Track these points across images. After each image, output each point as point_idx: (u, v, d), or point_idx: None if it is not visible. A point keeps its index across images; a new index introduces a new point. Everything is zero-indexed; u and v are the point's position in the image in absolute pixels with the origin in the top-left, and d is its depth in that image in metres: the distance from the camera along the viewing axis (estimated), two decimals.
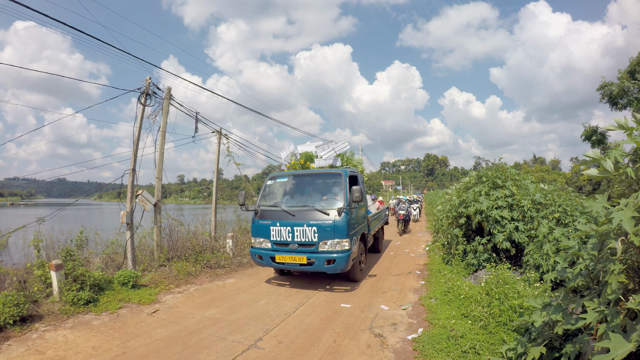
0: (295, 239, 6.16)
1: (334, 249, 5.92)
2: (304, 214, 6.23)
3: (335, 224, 5.93)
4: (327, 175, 7.12)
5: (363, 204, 7.36)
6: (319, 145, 8.68)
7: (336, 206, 6.14)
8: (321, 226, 5.98)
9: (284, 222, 6.26)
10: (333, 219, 5.95)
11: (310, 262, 5.97)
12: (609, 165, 2.03)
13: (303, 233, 6.09)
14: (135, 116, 7.50)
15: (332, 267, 5.87)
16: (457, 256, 7.07)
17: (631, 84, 17.15)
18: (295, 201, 6.86)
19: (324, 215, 6.02)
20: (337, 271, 5.94)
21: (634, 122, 2.09)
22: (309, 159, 8.62)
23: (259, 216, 6.64)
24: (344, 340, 4.18)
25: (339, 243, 5.93)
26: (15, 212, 32.89)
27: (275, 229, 6.33)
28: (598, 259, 2.27)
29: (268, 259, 6.39)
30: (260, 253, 6.49)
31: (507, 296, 4.25)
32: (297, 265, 6.12)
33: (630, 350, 1.57)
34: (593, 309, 2.01)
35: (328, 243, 5.95)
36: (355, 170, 7.92)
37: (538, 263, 5.26)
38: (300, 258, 6.04)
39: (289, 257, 6.16)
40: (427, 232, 14.61)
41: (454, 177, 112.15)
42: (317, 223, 6.00)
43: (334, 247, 5.93)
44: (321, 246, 5.99)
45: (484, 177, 7.01)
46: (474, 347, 3.60)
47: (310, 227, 6.04)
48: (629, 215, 1.85)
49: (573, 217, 5.61)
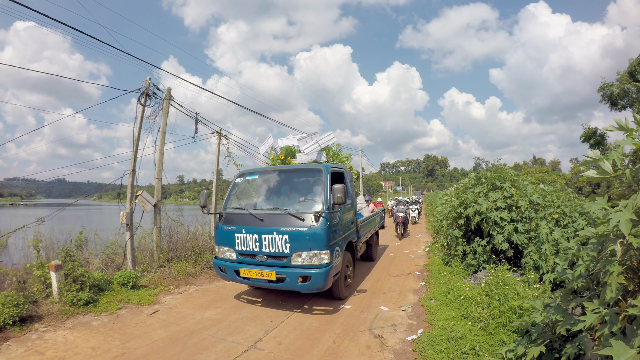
0: (264, 249, 5.07)
1: (309, 262, 4.85)
2: (274, 219, 5.14)
3: (311, 231, 4.82)
4: (304, 171, 6.06)
5: (350, 207, 6.23)
6: (301, 139, 7.28)
7: (313, 209, 5.04)
8: (294, 234, 4.88)
9: (251, 228, 5.19)
10: (309, 226, 4.85)
11: (281, 278, 4.92)
12: (607, 166, 2.03)
13: (272, 242, 5.00)
14: (135, 117, 7.50)
15: (307, 286, 4.81)
16: (457, 257, 7.07)
17: (632, 86, 17.16)
18: (267, 203, 5.83)
19: (298, 220, 4.94)
20: (314, 290, 4.88)
21: (634, 123, 2.09)
22: (289, 154, 7.45)
23: (224, 220, 5.59)
24: (343, 341, 4.18)
25: (316, 255, 4.84)
26: (15, 212, 32.85)
27: (240, 236, 5.25)
28: (597, 261, 2.27)
29: (232, 273, 5.30)
30: (224, 265, 5.44)
31: (507, 297, 4.25)
32: (265, 282, 5.04)
33: (633, 356, 1.54)
34: (592, 310, 2.01)
35: (302, 255, 4.87)
36: (342, 166, 6.71)
37: (538, 264, 5.26)
38: (269, 273, 4.96)
39: (255, 271, 5.06)
40: (427, 233, 14.61)
41: (454, 178, 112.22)
42: (290, 230, 4.90)
43: (310, 260, 4.85)
44: (294, 259, 4.90)
45: (483, 178, 7.01)
46: (474, 348, 3.60)
47: (281, 235, 4.93)
48: (627, 216, 1.84)
49: (572, 218, 5.61)
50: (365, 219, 7.88)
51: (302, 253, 4.88)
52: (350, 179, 6.84)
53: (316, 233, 4.85)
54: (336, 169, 6.10)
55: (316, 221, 4.88)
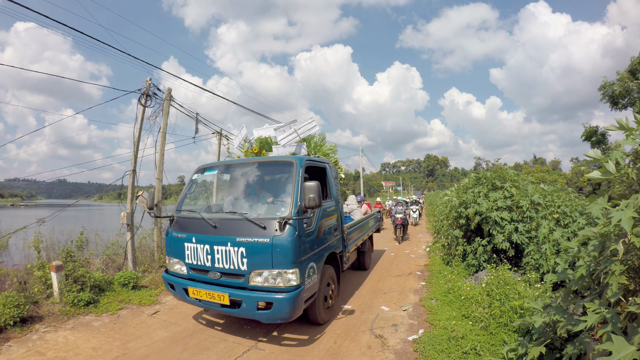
0: (216, 264, 3.99)
1: (272, 284, 3.75)
2: (230, 226, 4.06)
3: (274, 243, 3.72)
4: (271, 165, 4.97)
5: (333, 210, 5.07)
6: (278, 128, 6.16)
7: (279, 214, 3.94)
8: (253, 247, 3.79)
9: (202, 236, 4.15)
10: (271, 236, 3.74)
11: (236, 302, 3.85)
12: (610, 166, 2.03)
13: (226, 256, 3.93)
14: (135, 117, 7.51)
15: (269, 315, 3.72)
16: (458, 257, 7.07)
17: (634, 84, 17.15)
18: (227, 205, 4.77)
19: (259, 229, 3.83)
20: (277, 321, 3.79)
21: (635, 123, 2.09)
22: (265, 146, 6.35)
23: (175, 226, 4.55)
24: (344, 341, 4.18)
25: (281, 275, 3.72)
26: (16, 213, 32.92)
27: (190, 246, 4.21)
28: (598, 261, 2.27)
29: (181, 291, 4.29)
30: (172, 281, 4.42)
31: (508, 297, 4.25)
32: (218, 306, 3.99)
33: (633, 352, 1.56)
34: (593, 311, 2.00)
35: (263, 274, 3.77)
36: (323, 160, 5.39)
37: (538, 264, 5.26)
38: (221, 296, 3.89)
39: (205, 292, 4.02)
40: (427, 233, 14.61)
41: (454, 177, 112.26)
42: (247, 241, 3.82)
43: (273, 281, 3.75)
44: (253, 278, 3.81)
45: (483, 178, 7.01)
46: (475, 348, 3.60)
47: (237, 248, 3.86)
48: (629, 215, 1.85)
49: (573, 218, 5.61)
50: (355, 223, 6.63)
51: (263, 271, 3.76)
52: (335, 175, 5.54)
53: (281, 246, 3.71)
54: (314, 162, 4.88)
55: (281, 230, 3.75)
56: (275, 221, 3.81)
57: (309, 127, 6.02)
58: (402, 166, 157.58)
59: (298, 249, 3.83)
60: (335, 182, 5.52)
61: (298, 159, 4.45)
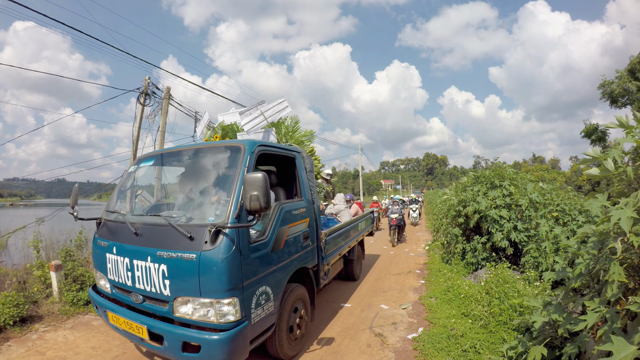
0: (137, 285, 2.99)
1: (202, 317, 2.72)
2: (153, 234, 3.04)
3: (202, 260, 2.67)
4: (214, 153, 3.52)
5: (303, 213, 3.91)
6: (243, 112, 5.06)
7: (212, 219, 2.85)
8: (176, 264, 2.76)
9: (122, 246, 3.17)
10: (199, 250, 2.69)
11: (156, 336, 2.86)
12: (609, 164, 2.03)
13: (146, 274, 2.91)
14: (134, 116, 7.51)
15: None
16: (457, 255, 7.08)
17: (632, 84, 17.17)
18: (155, 205, 3.99)
19: (184, 239, 2.76)
20: None
21: (635, 121, 2.09)
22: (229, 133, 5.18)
23: (101, 230, 3.57)
24: (344, 339, 4.18)
25: (213, 307, 2.69)
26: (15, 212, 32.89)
27: (111, 258, 3.23)
28: (598, 259, 2.27)
29: (103, 314, 3.36)
30: (96, 301, 3.48)
31: (507, 295, 4.26)
32: (139, 339, 3.02)
33: (633, 352, 1.55)
34: (593, 309, 2.01)
35: (190, 304, 2.75)
36: (291, 148, 4.17)
37: (537, 262, 5.27)
38: (140, 328, 2.92)
39: (124, 320, 3.05)
40: (427, 231, 14.62)
41: (454, 176, 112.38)
42: (169, 257, 2.78)
43: (203, 313, 2.72)
44: (178, 308, 2.79)
45: (482, 177, 7.02)
46: (475, 346, 3.61)
47: (157, 264, 2.84)
48: (628, 214, 1.85)
49: (572, 217, 5.62)
50: (339, 227, 5.36)
51: (189, 300, 2.70)
52: (310, 168, 4.33)
53: (210, 265, 2.62)
54: (275, 150, 3.72)
55: (212, 242, 2.65)
56: (206, 229, 2.66)
57: (279, 109, 4.94)
58: (402, 165, 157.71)
59: (237, 270, 2.69)
60: (310, 176, 4.29)
61: (248, 143, 3.25)
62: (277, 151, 3.78)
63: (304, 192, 4.08)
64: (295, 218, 3.71)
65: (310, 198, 4.15)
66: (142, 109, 7.62)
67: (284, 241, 3.43)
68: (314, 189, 4.34)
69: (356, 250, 6.72)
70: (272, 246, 3.22)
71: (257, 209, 2.67)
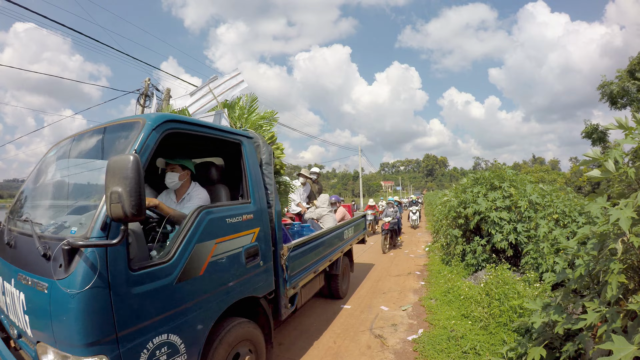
0: (8, 313, 2.27)
1: None
2: (22, 247, 2.20)
3: (54, 293, 1.71)
4: (109, 132, 2.46)
5: (246, 222, 2.83)
6: (194, 92, 4.17)
7: (74, 230, 1.90)
8: (32, 293, 1.89)
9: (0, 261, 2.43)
10: (53, 277, 1.72)
11: None
12: (610, 165, 2.03)
13: (12, 302, 2.14)
14: None
15: None
16: (457, 257, 7.08)
17: (631, 84, 17.20)
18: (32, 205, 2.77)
19: (42, 259, 1.82)
20: None
21: (634, 122, 2.09)
22: None
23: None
24: (344, 341, 4.18)
25: None
26: None
27: None
28: (598, 260, 2.27)
29: None
30: None
31: (507, 296, 4.25)
32: None
33: (633, 352, 1.56)
34: (593, 310, 2.01)
35: (50, 355, 1.80)
36: (234, 131, 3.06)
37: (537, 263, 5.27)
38: None
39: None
40: (427, 233, 14.61)
41: (454, 177, 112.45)
42: (26, 282, 1.93)
43: None
44: (41, 356, 1.85)
45: (482, 178, 7.03)
46: (475, 348, 3.60)
47: (18, 291, 2.03)
48: (628, 214, 1.85)
49: (572, 218, 5.62)
50: (314, 237, 4.27)
51: (48, 349, 1.83)
52: (268, 160, 3.31)
53: (63, 301, 1.69)
54: (200, 130, 2.60)
55: (66, 267, 1.72)
56: (59, 246, 1.73)
57: (232, 84, 3.87)
58: (401, 166, 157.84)
59: (104, 313, 1.73)
60: (267, 170, 3.26)
61: (151, 117, 2.25)
62: (204, 132, 2.57)
63: (252, 192, 2.98)
64: (230, 229, 2.59)
65: (261, 200, 3.06)
66: (142, 110, 7.63)
67: (206, 263, 2.32)
68: (271, 188, 3.26)
69: (341, 263, 5.56)
70: (182, 273, 2.14)
71: (119, 217, 1.64)
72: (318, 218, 5.91)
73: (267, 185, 3.27)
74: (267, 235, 3.11)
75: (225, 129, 2.93)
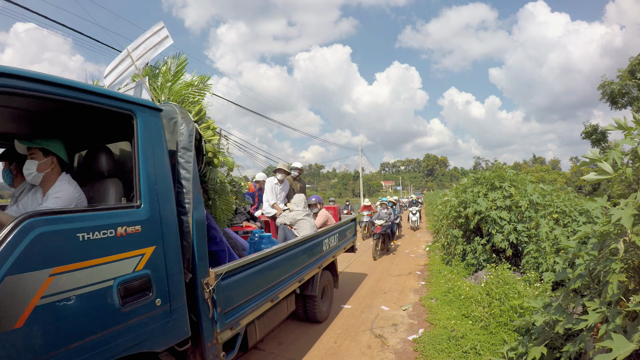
0: None
1: None
2: None
3: None
4: None
5: (132, 237, 1.88)
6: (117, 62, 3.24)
7: None
8: None
9: None
10: None
11: None
12: (606, 166, 2.04)
13: None
14: None
15: None
16: (457, 256, 7.09)
17: (632, 84, 17.21)
18: None
19: None
20: None
21: (633, 123, 2.09)
22: None
23: None
24: (344, 341, 4.18)
25: None
26: None
27: None
28: (598, 260, 2.28)
29: None
30: None
31: (508, 296, 4.26)
32: None
33: (633, 349, 1.57)
34: (594, 310, 2.01)
35: None
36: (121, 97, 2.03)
37: (538, 263, 5.27)
38: None
39: None
40: (427, 233, 14.61)
41: (454, 177, 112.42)
42: None
43: None
44: None
45: (482, 178, 7.03)
46: (475, 348, 3.61)
47: None
48: (629, 213, 1.86)
49: (572, 218, 5.62)
50: (268, 255, 3.16)
51: None
52: (186, 143, 2.42)
53: None
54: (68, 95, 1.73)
55: None
56: None
57: (154, 42, 2.95)
58: (402, 166, 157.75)
59: None
60: (185, 159, 2.39)
61: None
62: (63, 96, 1.72)
63: (146, 189, 2.04)
64: (88, 250, 1.68)
65: (165, 202, 2.13)
66: None
67: (28, 310, 1.44)
68: (188, 185, 2.33)
69: (319, 281, 4.46)
70: None
71: None
72: (292, 224, 4.80)
73: (183, 180, 2.32)
74: (174, 257, 2.12)
75: (104, 92, 1.93)
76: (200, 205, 2.41)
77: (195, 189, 2.38)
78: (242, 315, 2.72)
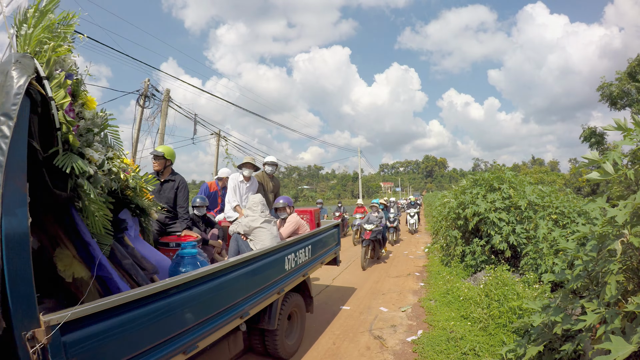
0: None
1: None
2: None
3: None
4: None
5: None
6: None
7: None
8: None
9: None
10: None
11: None
12: (609, 167, 2.04)
13: None
14: (134, 118, 7.49)
15: None
16: (456, 258, 7.09)
17: (631, 86, 17.28)
18: None
19: None
20: None
21: (633, 124, 2.09)
22: None
23: None
24: (343, 342, 4.17)
25: None
26: None
27: None
28: (597, 261, 2.27)
29: None
30: None
31: (507, 297, 4.25)
32: None
33: (631, 351, 1.57)
34: (592, 311, 2.01)
35: None
36: None
37: (537, 264, 5.27)
38: None
39: None
40: (426, 234, 14.61)
41: (453, 178, 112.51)
42: None
43: None
44: None
45: (481, 179, 7.04)
46: (474, 349, 3.60)
47: None
48: (625, 212, 1.86)
49: (571, 219, 5.63)
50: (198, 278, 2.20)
51: None
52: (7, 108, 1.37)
53: None
54: None
55: None
56: None
57: None
58: (401, 167, 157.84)
59: None
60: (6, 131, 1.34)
61: None
62: None
63: None
64: None
65: None
66: (142, 111, 7.64)
67: None
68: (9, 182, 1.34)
69: (278, 310, 3.44)
70: None
71: None
72: (246, 233, 3.75)
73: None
74: None
75: None
76: (20, 209, 1.40)
77: (12, 182, 1.36)
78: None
